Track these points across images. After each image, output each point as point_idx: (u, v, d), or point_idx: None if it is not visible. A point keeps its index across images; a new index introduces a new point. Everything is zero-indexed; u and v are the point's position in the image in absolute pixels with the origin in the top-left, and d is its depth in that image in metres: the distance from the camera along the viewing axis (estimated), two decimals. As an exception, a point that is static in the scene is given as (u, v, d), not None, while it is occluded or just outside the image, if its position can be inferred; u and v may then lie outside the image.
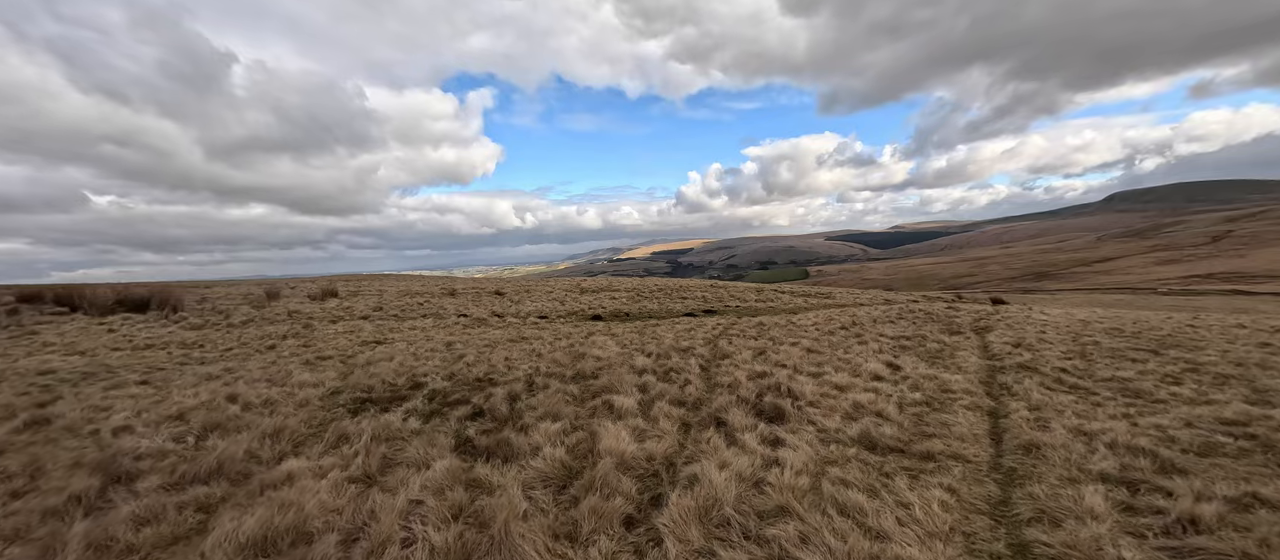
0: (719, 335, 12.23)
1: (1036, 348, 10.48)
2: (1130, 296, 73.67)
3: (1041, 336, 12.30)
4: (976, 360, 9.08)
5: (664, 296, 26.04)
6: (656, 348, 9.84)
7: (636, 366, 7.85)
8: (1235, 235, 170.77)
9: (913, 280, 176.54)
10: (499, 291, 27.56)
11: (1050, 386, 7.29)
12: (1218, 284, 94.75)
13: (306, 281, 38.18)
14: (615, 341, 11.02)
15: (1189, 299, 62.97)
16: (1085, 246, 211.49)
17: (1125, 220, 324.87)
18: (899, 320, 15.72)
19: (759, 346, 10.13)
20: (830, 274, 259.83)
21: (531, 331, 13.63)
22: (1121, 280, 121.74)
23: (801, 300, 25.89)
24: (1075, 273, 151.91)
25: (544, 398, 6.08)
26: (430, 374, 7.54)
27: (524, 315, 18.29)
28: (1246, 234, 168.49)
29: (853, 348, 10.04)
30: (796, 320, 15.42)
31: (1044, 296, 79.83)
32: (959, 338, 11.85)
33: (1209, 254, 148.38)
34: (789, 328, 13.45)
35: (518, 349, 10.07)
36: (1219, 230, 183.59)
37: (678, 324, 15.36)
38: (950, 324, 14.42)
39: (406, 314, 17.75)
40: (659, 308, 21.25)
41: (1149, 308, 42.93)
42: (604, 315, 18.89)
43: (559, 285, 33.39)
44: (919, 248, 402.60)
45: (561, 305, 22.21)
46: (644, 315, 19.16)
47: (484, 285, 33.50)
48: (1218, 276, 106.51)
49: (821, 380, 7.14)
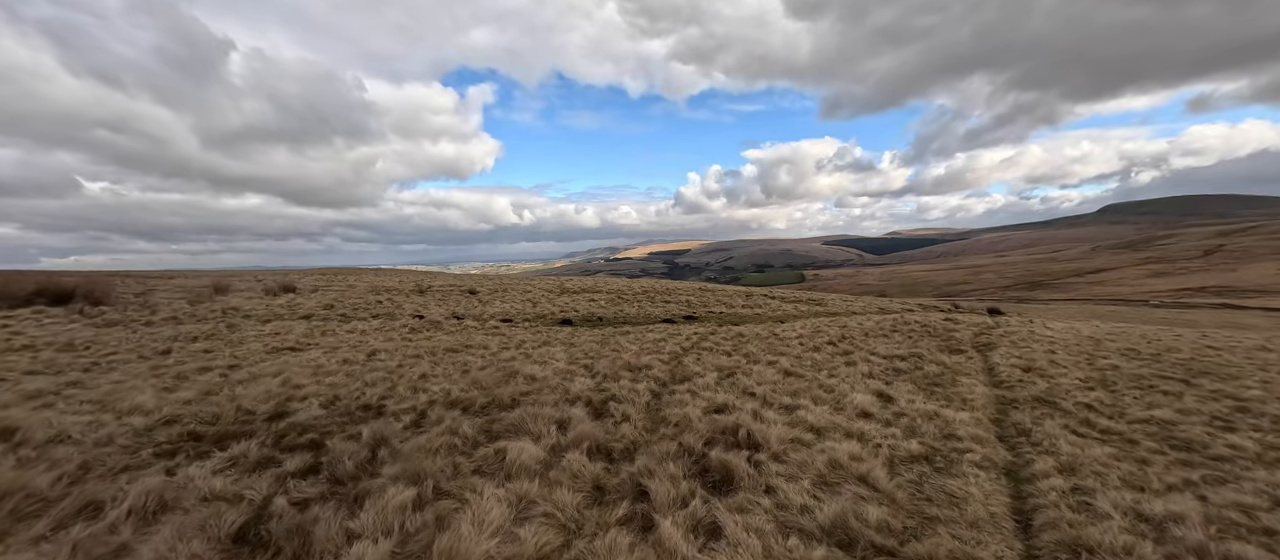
0: (690, 349, 10.79)
1: (1050, 373, 9.09)
2: (1123, 308, 72.78)
3: (1052, 358, 10.92)
4: (983, 389, 7.66)
5: (647, 300, 24.59)
6: (608, 365, 8.38)
7: (571, 393, 6.39)
8: (1227, 249, 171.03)
9: (908, 286, 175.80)
10: (472, 291, 26.04)
11: (1078, 430, 5.87)
12: (1208, 297, 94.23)
13: (277, 274, 36.54)
14: (566, 355, 9.55)
15: (1181, 312, 62.06)
16: (1079, 257, 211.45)
17: (1119, 232, 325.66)
18: (893, 333, 14.32)
19: (730, 365, 8.69)
20: (826, 278, 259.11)
21: (481, 338, 12.15)
22: (1114, 291, 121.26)
23: (791, 307, 24.50)
24: (1069, 283, 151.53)
25: (423, 441, 4.61)
26: (311, 397, 6.06)
27: (486, 318, 16.80)
28: (1238, 248, 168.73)
29: (839, 369, 8.61)
30: (781, 331, 13.99)
31: (1038, 306, 78.81)
32: (960, 358, 10.46)
33: (1201, 268, 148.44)
34: (771, 341, 12.02)
35: (446, 363, 8.59)
36: (1211, 244, 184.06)
37: (651, 332, 13.92)
38: (949, 340, 13.03)
39: (356, 314, 16.22)
40: (637, 312, 19.78)
41: (1143, 320, 41.81)
42: (575, 320, 17.41)
43: (540, 285, 31.89)
44: (915, 254, 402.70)
45: (533, 307, 20.73)
46: (619, 320, 17.70)
47: (461, 283, 31.97)
48: (1209, 290, 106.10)
49: (794, 418, 5.71)
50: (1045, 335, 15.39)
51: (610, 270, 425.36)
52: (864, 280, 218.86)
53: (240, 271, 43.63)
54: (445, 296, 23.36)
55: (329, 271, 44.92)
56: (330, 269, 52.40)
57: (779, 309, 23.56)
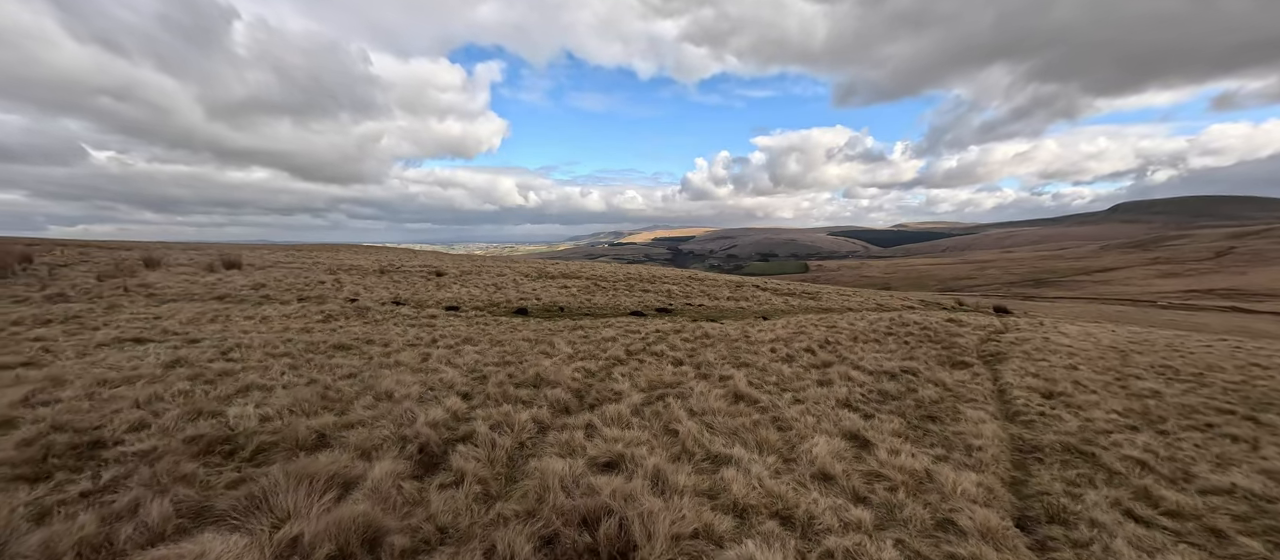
0: (635, 353, 8.91)
1: (1077, 401, 7.19)
2: (1130, 308, 70.61)
3: (1074, 376, 9.01)
4: (995, 428, 5.75)
5: (625, 289, 22.71)
6: (507, 377, 6.52)
7: (416, 428, 4.52)
8: (1238, 252, 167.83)
9: (912, 280, 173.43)
10: (439, 272, 24.18)
11: (1136, 512, 4.00)
12: (1216, 300, 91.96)
13: (245, 248, 34.74)
14: (470, 360, 7.68)
15: (1188, 314, 59.87)
16: (1087, 255, 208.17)
17: (1129, 231, 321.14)
18: (887, 338, 12.41)
19: (670, 381, 6.80)
20: (830, 269, 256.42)
21: (398, 331, 10.29)
22: (1121, 291, 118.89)
23: (782, 301, 22.58)
24: (1076, 281, 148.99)
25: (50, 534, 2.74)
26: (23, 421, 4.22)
27: (427, 305, 14.94)
28: (1249, 251, 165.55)
29: (809, 390, 6.71)
30: (757, 331, 12.09)
31: (1044, 304, 76.55)
32: (965, 374, 8.56)
33: (1210, 269, 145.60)
34: (738, 345, 10.12)
35: (308, 367, 6.73)
36: (1223, 246, 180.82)
37: (607, 328, 12.05)
38: (952, 348, 11.10)
39: (280, 296, 14.38)
40: (607, 303, 17.89)
41: (1150, 322, 39.81)
42: (532, 310, 15.55)
43: (519, 268, 30.02)
44: (920, 248, 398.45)
45: (497, 292, 18.87)
46: (582, 311, 15.84)
47: (437, 263, 30.12)
48: (1217, 292, 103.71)
49: (715, 483, 3.84)
50: (1061, 344, 13.46)
51: (613, 255, 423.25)
52: (867, 273, 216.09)
53: (236, 245, 41.66)
54: (406, 278, 21.52)
55: (305, 247, 43.17)
56: (313, 245, 50.74)
57: (767, 303, 21.63)
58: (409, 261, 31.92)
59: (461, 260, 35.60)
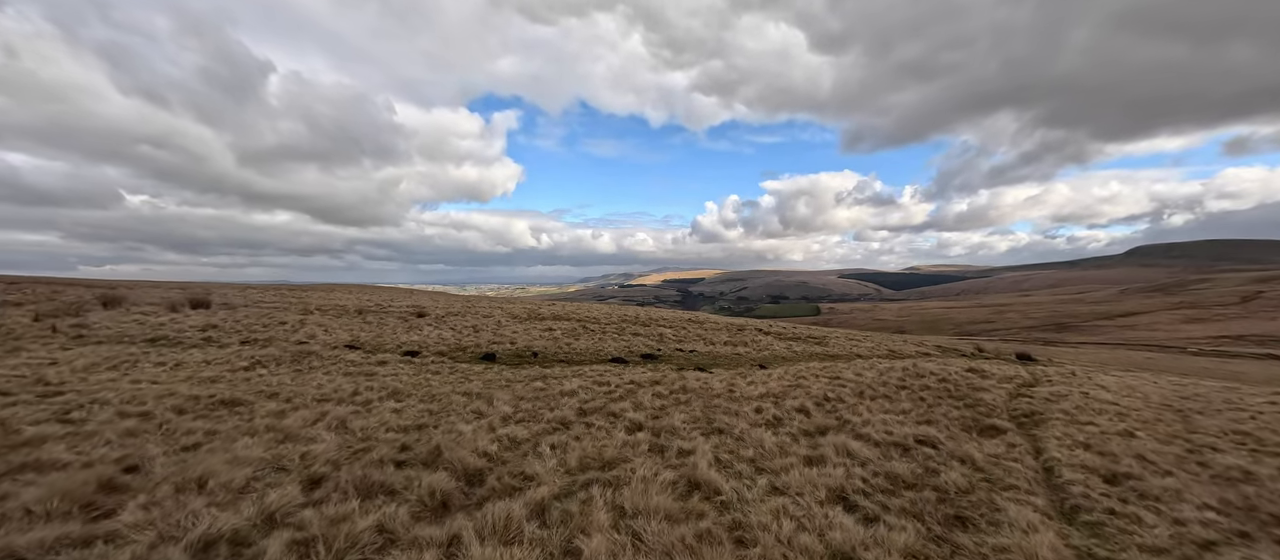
0: (586, 414, 7.31)
1: (1149, 486, 5.47)
2: (1159, 355, 67.44)
3: (1134, 445, 7.25)
4: (1051, 539, 4.05)
5: (615, 332, 21.17)
6: (396, 452, 4.98)
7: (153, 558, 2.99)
8: (1266, 296, 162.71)
9: (926, 324, 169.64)
10: (420, 313, 22.81)
11: None
12: (1250, 346, 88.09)
13: (251, 288, 33.80)
14: (361, 424, 6.14)
15: (1222, 361, 56.69)
16: (1108, 299, 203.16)
17: (1148, 274, 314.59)
18: (900, 392, 10.69)
19: (613, 457, 5.21)
20: (842, 312, 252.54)
21: (306, 384, 8.79)
22: (1147, 337, 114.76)
23: (784, 346, 20.85)
24: (1098, 326, 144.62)
25: None
26: None
27: (387, 349, 13.49)
28: (1278, 296, 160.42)
29: (793, 473, 5.07)
30: (745, 385, 10.44)
31: (1067, 349, 73.38)
32: (997, 445, 6.85)
33: (1238, 315, 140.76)
34: (718, 402, 8.49)
35: (95, 440, 5.24)
36: (1249, 290, 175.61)
37: (575, 379, 10.48)
38: (977, 407, 9.36)
39: (222, 340, 13.02)
40: (588, 348, 16.31)
41: (1183, 371, 37.19)
42: (502, 355, 14.03)
43: (508, 309, 28.61)
44: (934, 290, 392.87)
45: (474, 335, 17.40)
46: (558, 357, 14.29)
47: (422, 304, 28.82)
48: (1249, 339, 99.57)
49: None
50: (1104, 400, 11.62)
51: (623, 297, 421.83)
52: (881, 315, 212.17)
53: (257, 285, 40.73)
54: (382, 319, 20.16)
55: (303, 288, 42.29)
56: (319, 286, 50.02)
57: (768, 349, 19.92)
58: (396, 301, 30.69)
59: (453, 301, 34.34)
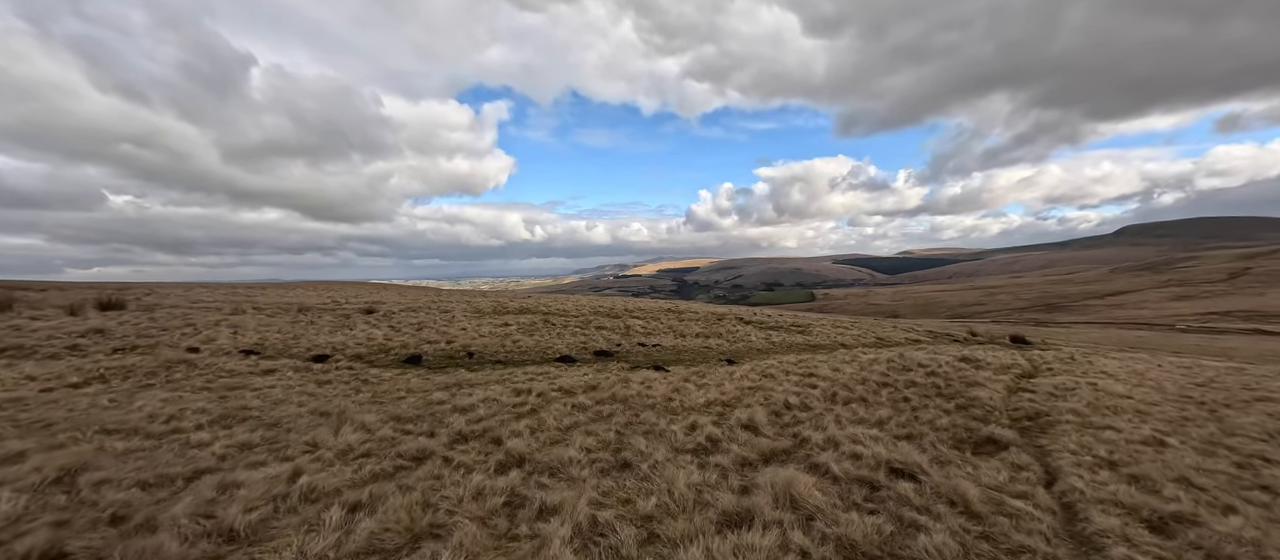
0: (460, 442, 5.59)
1: (1211, 532, 3.85)
2: (1148, 333, 66.63)
3: (1167, 459, 5.62)
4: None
5: (578, 326, 19.44)
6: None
7: None
8: (1253, 273, 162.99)
9: (920, 307, 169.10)
10: (370, 310, 20.96)
11: None
12: (1238, 322, 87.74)
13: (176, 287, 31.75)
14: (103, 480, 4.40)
15: (1212, 338, 55.79)
16: (1097, 279, 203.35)
17: (1137, 253, 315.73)
18: (881, 390, 9.03)
19: (418, 532, 3.51)
20: (837, 297, 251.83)
21: (77, 413, 7.02)
22: (1136, 315, 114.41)
23: (762, 337, 19.17)
24: (1088, 305, 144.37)
25: None
26: None
27: (294, 353, 11.69)
28: (1265, 272, 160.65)
29: (693, 549, 3.38)
30: (696, 390, 8.72)
31: (1059, 329, 72.31)
32: (997, 469, 5.18)
33: (1226, 291, 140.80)
34: (650, 417, 6.78)
35: None
36: (1237, 267, 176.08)
37: (496, 386, 8.77)
38: (970, 410, 7.69)
39: (93, 347, 11.16)
40: (535, 345, 14.55)
41: (1174, 347, 36.06)
42: (431, 357, 12.27)
43: (475, 304, 26.80)
44: (927, 274, 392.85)
45: (417, 333, 15.60)
46: (497, 358, 12.55)
47: (375, 300, 26.95)
48: (1236, 314, 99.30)
49: None
50: (1115, 393, 9.99)
51: (619, 288, 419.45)
52: (875, 300, 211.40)
53: (205, 284, 38.30)
54: (316, 318, 18.28)
55: (270, 286, 40.24)
56: (289, 283, 48.01)
57: (744, 339, 18.24)
58: (360, 297, 28.78)
59: (420, 296, 32.46)
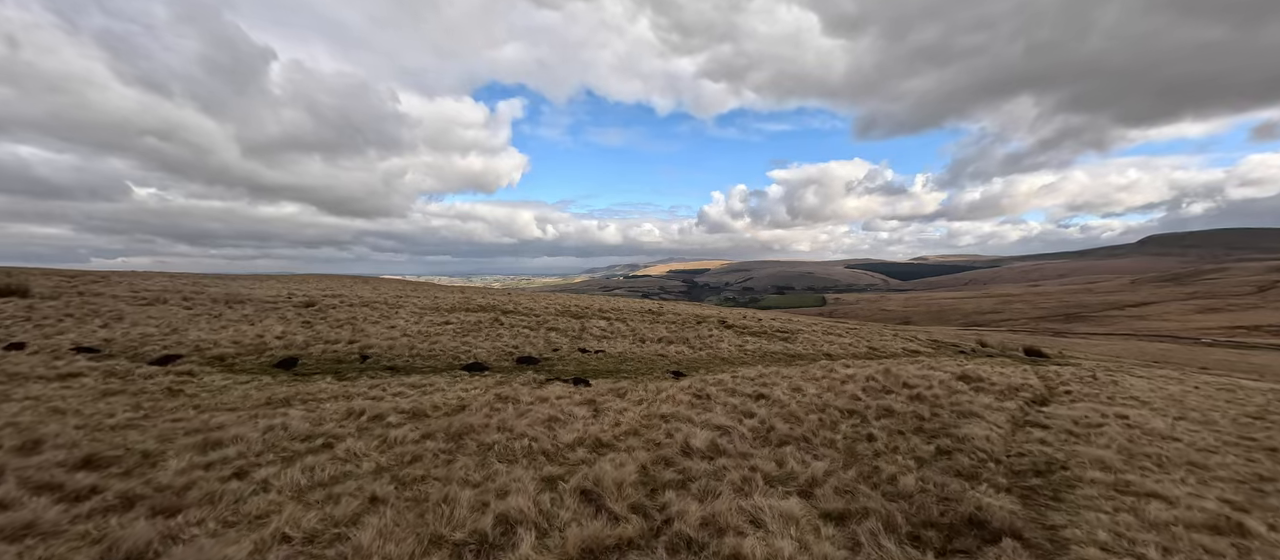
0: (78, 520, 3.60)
1: None
2: (1172, 346, 63.30)
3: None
4: None
5: (529, 327, 17.42)
6: None
7: None
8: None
9: (932, 314, 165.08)
10: (309, 303, 19.09)
11: None
12: (1267, 337, 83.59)
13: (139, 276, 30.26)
14: None
15: (1241, 354, 52.46)
16: (1119, 289, 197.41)
17: (1161, 264, 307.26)
18: (843, 421, 6.87)
19: None
20: (848, 302, 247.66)
21: None
22: (1159, 327, 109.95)
23: (736, 346, 16.98)
24: (1109, 316, 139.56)
25: None
26: None
27: (139, 351, 9.78)
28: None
29: None
30: (587, 420, 6.62)
31: (1077, 340, 68.98)
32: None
33: (1253, 305, 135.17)
34: (486, 459, 4.73)
35: None
36: (1264, 280, 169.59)
37: (283, 414, 6.78)
38: (956, 450, 5.52)
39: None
40: (454, 349, 12.48)
41: (1199, 362, 33.22)
42: (312, 360, 10.30)
43: (441, 301, 24.90)
44: (942, 281, 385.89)
45: (333, 331, 13.69)
46: (393, 364, 10.53)
47: (328, 294, 25.12)
48: (1266, 329, 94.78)
49: None
50: (1155, 431, 7.73)
51: (628, 288, 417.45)
52: (886, 306, 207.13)
53: (203, 276, 36.60)
54: (241, 310, 16.41)
55: (262, 278, 38.70)
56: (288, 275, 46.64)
57: (712, 346, 16.07)
58: (339, 291, 26.94)
59: (389, 289, 30.64)
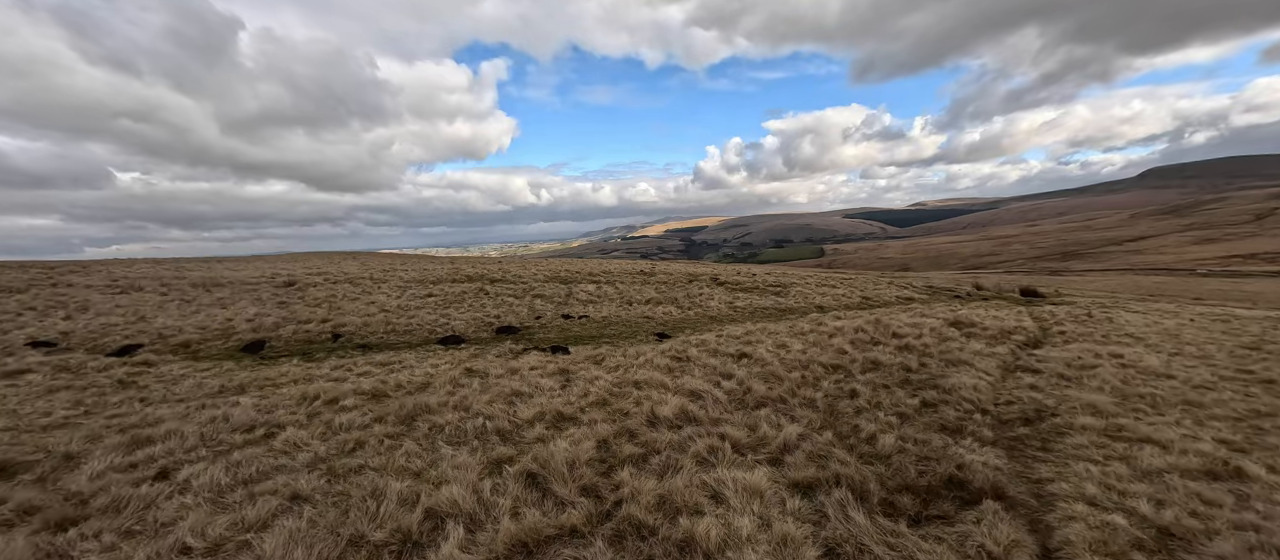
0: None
1: None
2: (1167, 278, 63.19)
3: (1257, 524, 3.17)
4: None
5: (513, 296, 17.05)
6: None
7: None
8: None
9: (931, 259, 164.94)
10: (289, 283, 18.68)
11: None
12: (1262, 265, 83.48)
13: (218, 262, 29.71)
14: None
15: (1235, 282, 52.37)
16: (1116, 224, 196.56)
17: (1161, 197, 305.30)
18: (826, 377, 6.54)
19: None
20: (847, 252, 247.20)
21: None
22: (1155, 261, 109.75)
23: (726, 303, 16.64)
24: (1106, 252, 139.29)
25: None
26: None
27: (103, 339, 9.39)
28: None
29: None
30: (553, 393, 6.28)
31: (1073, 278, 68.81)
32: (949, 549, 2.79)
33: (1250, 233, 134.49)
34: (432, 441, 4.39)
35: None
36: (1263, 208, 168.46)
37: (233, 402, 6.43)
38: (942, 402, 5.18)
39: None
40: (432, 322, 12.11)
41: (1194, 293, 33.08)
42: (281, 342, 9.91)
43: (418, 274, 24.47)
44: (940, 226, 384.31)
45: (309, 310, 13.31)
46: (367, 342, 10.15)
47: (310, 271, 24.66)
48: (1262, 257, 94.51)
49: None
50: (1148, 370, 7.43)
51: (626, 249, 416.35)
52: (885, 254, 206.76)
53: (186, 261, 35.84)
54: (209, 294, 16.00)
55: (212, 261, 38.17)
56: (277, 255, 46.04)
57: (702, 305, 15.72)
58: (326, 269, 26.44)
59: (378, 264, 30.16)
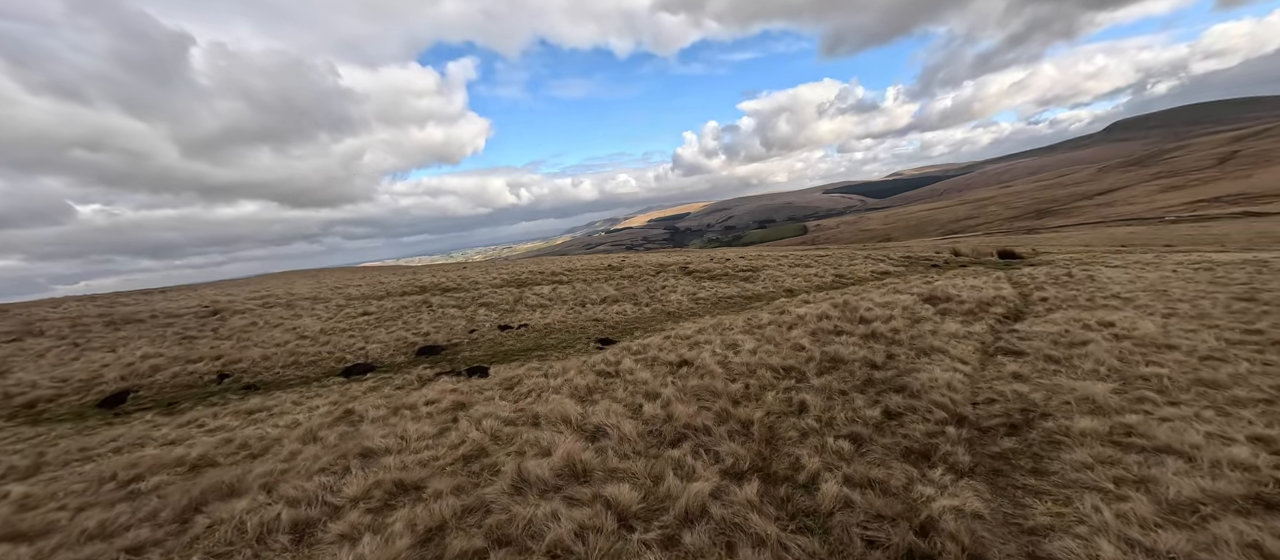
0: None
1: None
2: (1138, 228, 63.70)
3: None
4: None
5: (456, 306, 15.77)
6: None
7: None
8: (1241, 155, 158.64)
9: (911, 227, 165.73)
10: (213, 311, 17.17)
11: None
12: (1226, 207, 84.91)
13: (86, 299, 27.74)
14: None
15: (1202, 226, 52.90)
16: (1086, 179, 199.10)
17: (1126, 149, 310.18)
18: (777, 384, 5.43)
19: None
20: (829, 227, 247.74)
21: None
22: (1125, 211, 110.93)
23: (689, 295, 15.50)
24: (1078, 207, 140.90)
25: None
26: None
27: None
28: (1253, 154, 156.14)
29: None
30: (414, 445, 5.11)
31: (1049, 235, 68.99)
32: None
33: (1213, 177, 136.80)
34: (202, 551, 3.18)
35: None
36: (1224, 151, 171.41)
37: (56, 478, 5.14)
38: (908, 412, 4.06)
39: None
40: (344, 348, 10.82)
41: (1164, 240, 33.25)
42: (155, 389, 8.58)
43: (365, 286, 23.01)
44: (918, 194, 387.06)
45: (211, 344, 11.94)
46: (257, 381, 8.86)
47: (235, 299, 23.08)
48: (1224, 199, 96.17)
49: None
50: (1147, 340, 6.43)
51: (611, 242, 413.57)
52: (867, 226, 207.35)
53: (123, 294, 33.78)
54: (108, 333, 14.47)
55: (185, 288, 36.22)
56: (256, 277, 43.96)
57: (662, 299, 14.58)
58: (242, 300, 24.84)
59: (326, 280, 28.57)
